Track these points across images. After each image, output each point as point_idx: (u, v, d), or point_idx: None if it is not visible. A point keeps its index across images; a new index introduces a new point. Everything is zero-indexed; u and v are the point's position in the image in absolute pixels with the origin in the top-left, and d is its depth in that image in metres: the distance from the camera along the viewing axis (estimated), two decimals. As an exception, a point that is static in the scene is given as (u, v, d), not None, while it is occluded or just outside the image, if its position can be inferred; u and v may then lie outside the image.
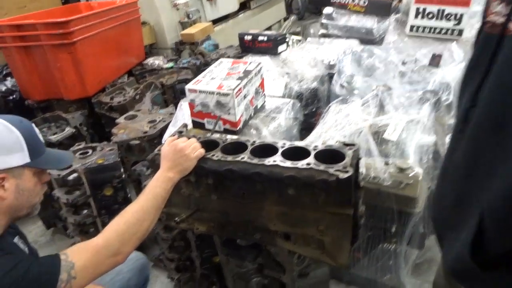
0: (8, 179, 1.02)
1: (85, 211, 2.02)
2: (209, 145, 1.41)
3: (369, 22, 3.46)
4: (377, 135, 1.66)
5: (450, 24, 2.55)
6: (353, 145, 1.27)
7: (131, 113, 2.46)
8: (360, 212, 1.27)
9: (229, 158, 1.29)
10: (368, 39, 3.45)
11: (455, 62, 2.20)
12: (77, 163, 1.96)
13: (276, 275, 1.51)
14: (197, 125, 2.00)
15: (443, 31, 2.58)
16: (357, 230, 1.27)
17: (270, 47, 2.72)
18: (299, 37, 3.80)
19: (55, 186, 2.00)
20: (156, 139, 2.25)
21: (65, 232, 2.32)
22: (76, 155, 2.04)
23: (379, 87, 1.84)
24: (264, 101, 2.24)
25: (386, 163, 1.52)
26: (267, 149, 1.33)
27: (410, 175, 1.44)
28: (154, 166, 1.39)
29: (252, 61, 2.34)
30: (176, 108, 2.63)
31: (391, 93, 1.79)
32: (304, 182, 1.17)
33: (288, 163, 1.21)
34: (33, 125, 1.14)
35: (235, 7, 4.75)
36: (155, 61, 3.41)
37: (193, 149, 1.29)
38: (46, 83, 2.68)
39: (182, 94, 3.03)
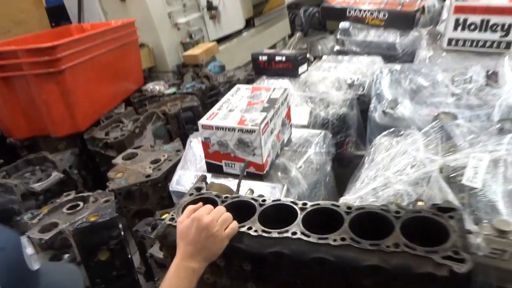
0: None
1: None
2: (240, 208, 1.02)
3: (391, 37, 3.15)
4: (452, 180, 1.28)
5: (496, 36, 2.21)
6: (453, 209, 0.88)
7: (130, 151, 2.08)
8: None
9: (274, 233, 0.91)
10: (391, 55, 3.13)
11: (515, 79, 1.84)
12: (65, 221, 1.56)
13: None
14: (213, 168, 1.62)
15: (488, 43, 2.25)
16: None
17: (289, 68, 2.36)
18: (307, 55, 3.47)
19: (38, 251, 1.60)
20: (161, 183, 1.87)
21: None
22: (64, 209, 1.64)
23: (441, 116, 1.47)
24: (291, 133, 1.87)
25: (477, 223, 1.13)
26: (325, 214, 0.95)
27: (517, 241, 1.05)
28: (167, 243, 1.00)
29: (274, 85, 1.98)
30: (182, 141, 2.25)
31: (458, 124, 1.42)
32: (393, 274, 0.79)
33: (365, 244, 0.83)
34: (24, 247, 0.76)
35: (241, 24, 4.43)
36: (156, 86, 3.05)
37: (223, 223, 0.90)
38: (31, 119, 2.30)
39: (188, 123, 2.66)
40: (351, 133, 2.33)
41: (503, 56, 2.13)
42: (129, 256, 1.69)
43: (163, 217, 1.57)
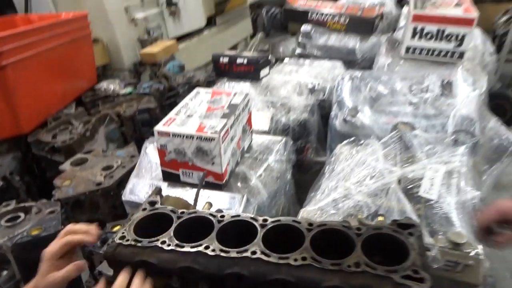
0: None
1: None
2: (197, 224, 0.96)
3: (351, 42, 3.21)
4: (409, 192, 1.29)
5: (450, 46, 2.30)
6: (413, 226, 0.88)
7: (79, 156, 1.94)
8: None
9: (233, 253, 0.86)
10: (351, 60, 3.19)
11: (467, 90, 1.92)
12: (2, 235, 1.42)
13: None
14: (169, 177, 1.54)
15: (443, 53, 2.34)
16: None
17: (251, 71, 2.32)
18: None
19: (-29, 267, 1.44)
20: (113, 191, 1.75)
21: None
22: (2, 222, 1.49)
23: (400, 126, 1.49)
24: (251, 140, 1.82)
25: (433, 235, 1.15)
26: (285, 232, 0.91)
27: (471, 254, 1.07)
28: (116, 264, 0.92)
29: (235, 89, 1.92)
30: (138, 146, 2.14)
31: (416, 134, 1.44)
32: (355, 296, 0.76)
33: (326, 263, 0.80)
34: None
35: (202, 22, 4.32)
36: (110, 85, 2.89)
37: None
38: (-34, 119, 2.09)
39: (144, 126, 2.54)
40: (312, 139, 2.33)
41: (457, 66, 2.22)
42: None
43: (115, 229, 1.47)
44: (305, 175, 2.22)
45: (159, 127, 1.45)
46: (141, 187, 1.57)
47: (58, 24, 2.64)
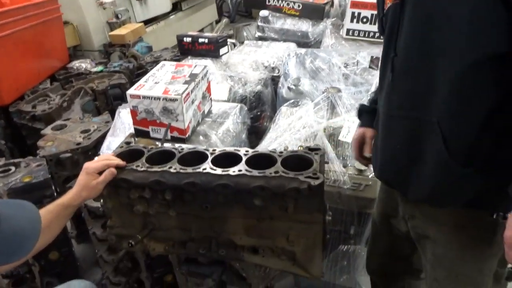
0: None
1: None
2: (163, 156, 1.28)
3: (304, 26, 3.54)
4: (332, 137, 1.66)
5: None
6: (318, 149, 1.23)
7: (59, 122, 2.18)
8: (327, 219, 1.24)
9: (189, 169, 1.18)
10: (304, 42, 3.52)
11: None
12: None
13: (240, 290, 1.42)
14: (140, 134, 1.83)
15: (376, 34, 2.71)
16: (326, 236, 1.24)
17: (211, 49, 2.62)
18: (233, 40, 3.75)
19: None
20: (90, 150, 2.03)
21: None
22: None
23: (329, 89, 1.85)
24: (211, 106, 2.13)
25: (345, 166, 1.52)
26: (229, 158, 1.24)
27: (369, 177, 1.45)
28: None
29: (196, 64, 2.22)
30: (111, 116, 2.40)
31: (341, 95, 1.81)
32: (273, 191, 1.11)
33: (255, 172, 1.14)
34: None
35: (168, 7, 4.54)
36: (82, 64, 3.10)
37: (98, 168, 1.17)
38: (-50, 91, 2.28)
39: (116, 100, 2.79)
40: (266, 109, 2.66)
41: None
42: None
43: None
44: (261, 140, 2.56)
45: (131, 91, 1.73)
46: (116, 143, 1.84)
47: (30, 6, 2.82)
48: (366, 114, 1.33)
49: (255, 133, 2.59)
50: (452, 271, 1.09)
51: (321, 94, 2.02)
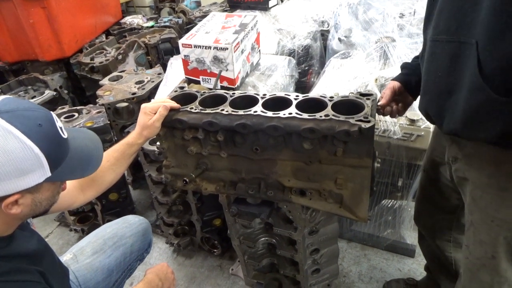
0: (23, 196, 0.86)
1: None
2: (215, 100, 1.32)
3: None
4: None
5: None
6: (371, 94, 1.21)
7: (115, 73, 2.30)
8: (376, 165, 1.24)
9: (241, 112, 1.21)
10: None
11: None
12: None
13: (286, 232, 1.48)
14: (191, 83, 1.89)
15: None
16: (374, 184, 1.25)
17: (260, 1, 2.58)
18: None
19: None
20: (145, 100, 2.12)
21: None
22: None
23: (382, 39, 1.78)
24: (259, 58, 2.14)
25: (396, 116, 1.48)
26: (280, 102, 1.25)
27: (422, 127, 1.41)
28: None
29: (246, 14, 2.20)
30: (163, 69, 2.48)
31: (395, 45, 1.73)
32: (323, 134, 1.11)
33: (305, 115, 1.14)
34: (55, 121, 0.90)
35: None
36: (134, 19, 3.19)
37: (154, 109, 1.24)
38: (18, 43, 2.44)
39: (167, 54, 2.86)
40: (314, 64, 2.62)
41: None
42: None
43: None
44: (307, 95, 2.54)
45: (183, 40, 1.77)
46: (169, 92, 1.92)
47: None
48: (405, 70, 1.30)
49: (302, 88, 2.57)
50: (488, 215, 1.06)
51: (374, 44, 1.94)
